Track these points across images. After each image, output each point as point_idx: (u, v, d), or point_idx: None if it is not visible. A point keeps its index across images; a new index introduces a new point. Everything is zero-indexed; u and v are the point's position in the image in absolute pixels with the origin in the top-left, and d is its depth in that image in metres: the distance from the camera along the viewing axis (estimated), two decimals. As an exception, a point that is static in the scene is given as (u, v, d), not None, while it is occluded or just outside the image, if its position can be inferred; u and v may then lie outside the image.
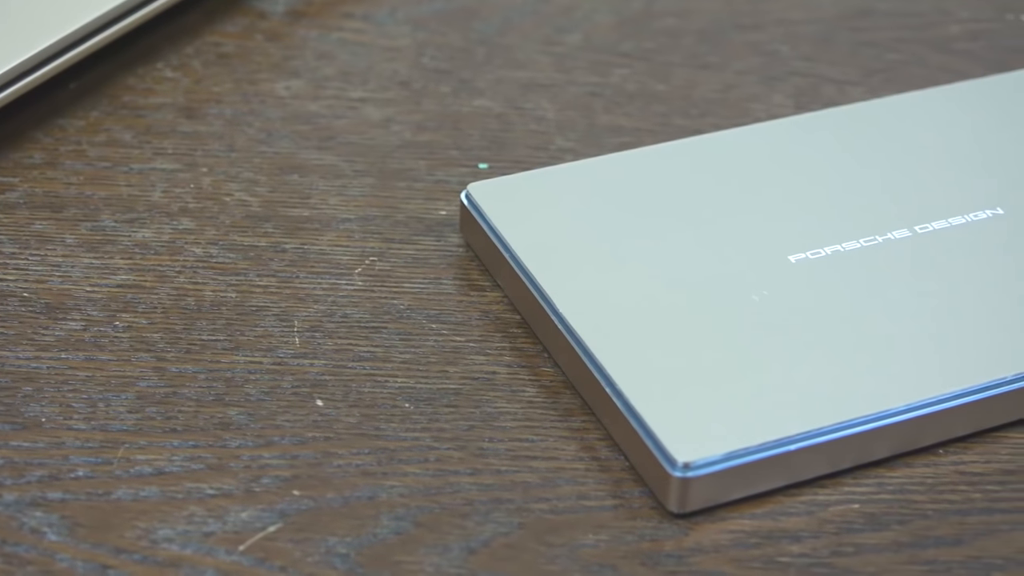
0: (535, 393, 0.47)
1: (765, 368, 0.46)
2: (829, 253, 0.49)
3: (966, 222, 0.51)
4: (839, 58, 0.60)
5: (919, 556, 0.44)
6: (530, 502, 0.44)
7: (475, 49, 0.59)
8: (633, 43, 0.60)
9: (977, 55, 0.61)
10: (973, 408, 0.46)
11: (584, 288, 0.48)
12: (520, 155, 0.54)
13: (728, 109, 0.57)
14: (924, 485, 0.46)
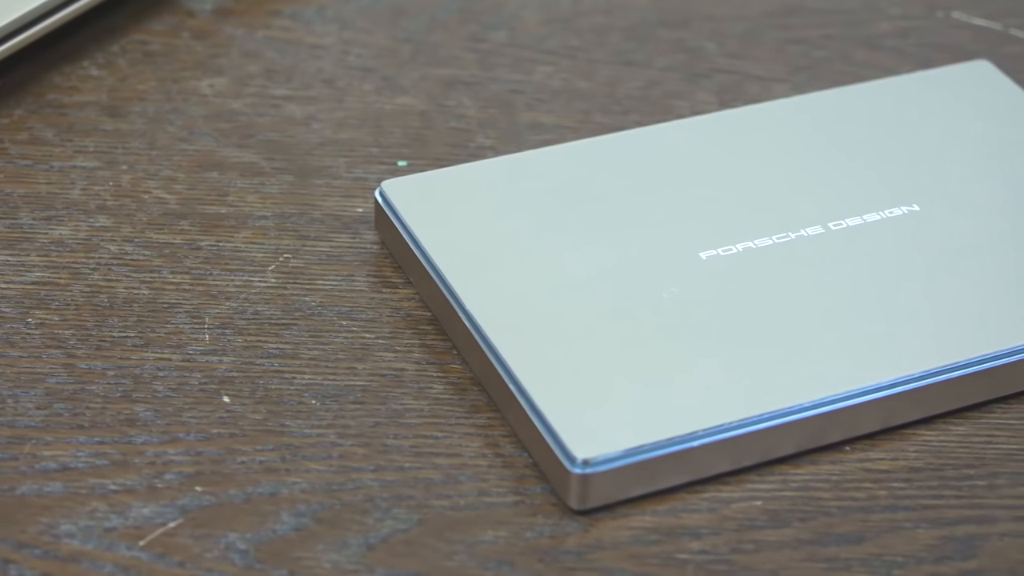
0: (442, 390, 0.47)
1: (670, 365, 0.46)
2: (741, 250, 0.49)
3: (881, 219, 0.51)
4: (765, 55, 0.60)
5: (819, 553, 0.44)
6: (431, 498, 0.45)
7: (401, 47, 0.59)
8: (559, 40, 0.60)
9: (905, 52, 0.61)
10: (879, 405, 0.46)
11: (493, 285, 0.48)
12: (439, 152, 0.54)
13: (651, 106, 0.57)
14: (829, 482, 0.46)
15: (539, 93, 0.57)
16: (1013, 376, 0.48)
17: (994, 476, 0.46)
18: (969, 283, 0.49)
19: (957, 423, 0.48)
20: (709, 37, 0.61)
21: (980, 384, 0.47)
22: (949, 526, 0.45)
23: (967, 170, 0.53)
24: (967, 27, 0.62)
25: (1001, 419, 0.48)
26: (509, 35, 0.60)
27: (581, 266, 0.49)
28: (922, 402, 0.47)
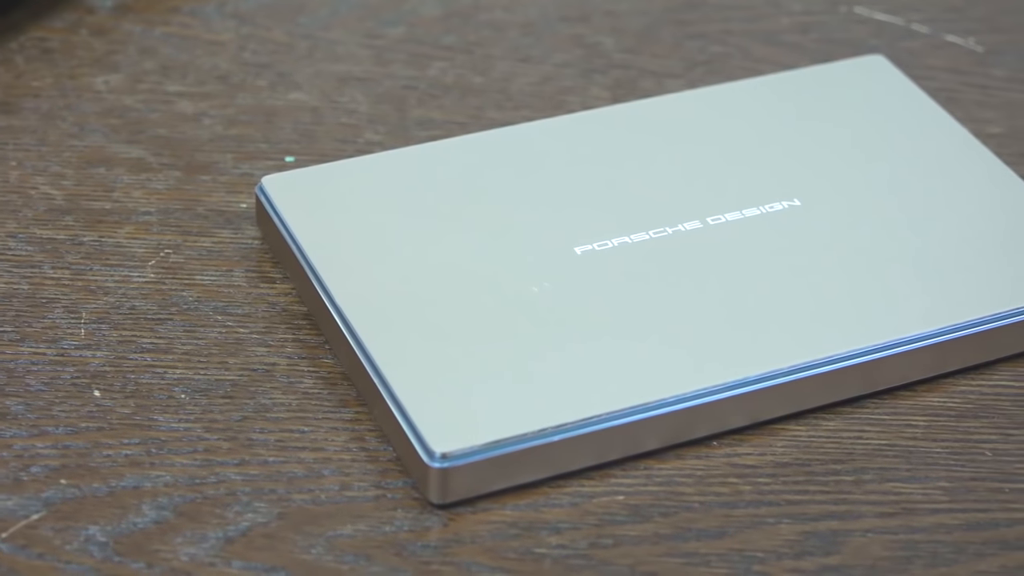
0: (312, 384, 0.47)
1: (534, 359, 0.46)
2: (616, 245, 0.49)
3: (761, 213, 0.50)
4: (662, 51, 0.60)
5: (679, 548, 0.44)
6: (293, 492, 0.44)
7: (297, 43, 0.59)
8: (456, 36, 0.60)
9: (804, 47, 0.61)
10: (746, 400, 0.46)
11: (365, 280, 0.48)
12: (327, 148, 0.54)
13: (543, 102, 0.57)
14: (693, 477, 0.46)
15: (432, 89, 0.57)
16: (885, 371, 0.47)
17: (861, 472, 0.46)
18: (844, 278, 0.49)
19: (828, 418, 0.47)
20: (608, 32, 0.61)
21: (851, 379, 0.47)
22: (812, 521, 0.45)
23: (853, 165, 0.53)
24: (869, 22, 0.62)
25: (872, 414, 0.48)
26: (407, 31, 0.60)
27: (455, 261, 0.49)
28: (791, 397, 0.47)
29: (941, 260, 0.49)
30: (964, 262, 0.50)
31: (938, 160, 0.53)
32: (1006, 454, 0.47)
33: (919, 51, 0.61)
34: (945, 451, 0.47)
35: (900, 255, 0.49)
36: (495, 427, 0.44)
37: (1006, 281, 0.49)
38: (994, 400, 0.48)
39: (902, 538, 0.45)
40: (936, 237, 0.50)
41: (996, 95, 0.59)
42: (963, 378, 0.49)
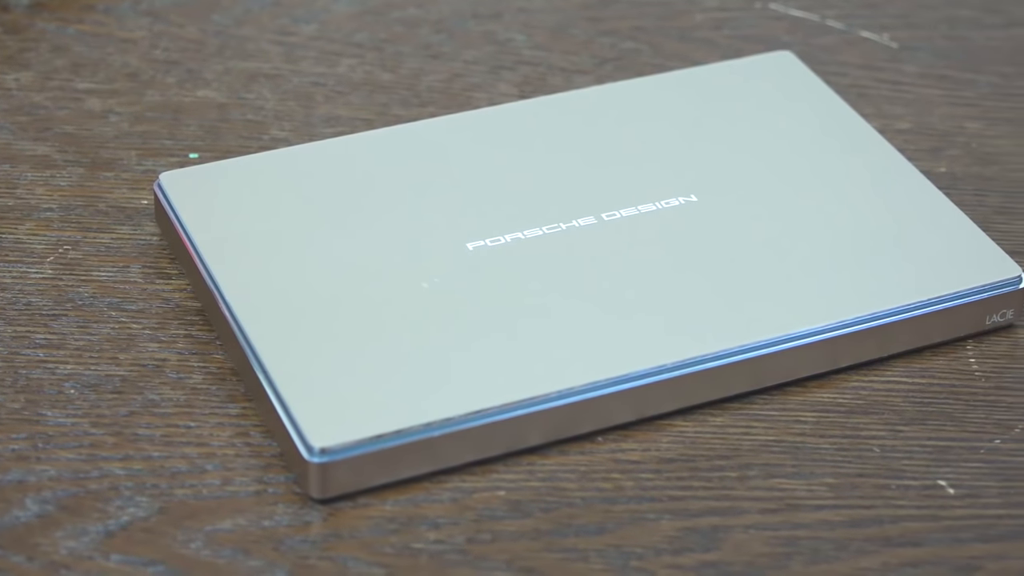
0: (201, 380, 0.47)
1: (419, 355, 0.46)
2: (509, 241, 0.49)
3: (657, 209, 0.50)
4: (573, 47, 0.60)
5: (557, 543, 0.44)
6: (175, 487, 0.45)
7: (209, 40, 0.59)
8: (368, 33, 0.60)
9: (716, 44, 0.61)
10: (631, 395, 0.46)
11: (255, 276, 0.48)
12: (232, 145, 0.55)
13: (451, 98, 0.57)
14: (576, 473, 0.46)
15: (340, 86, 0.57)
16: (775, 367, 0.47)
17: (746, 468, 0.46)
18: (735, 274, 0.48)
19: (716, 414, 0.47)
20: (519, 29, 0.61)
21: (740, 375, 0.47)
22: (693, 518, 0.45)
23: (753, 161, 0.53)
24: (784, 18, 0.62)
25: (761, 410, 0.48)
26: (319, 28, 0.60)
27: (347, 257, 0.49)
28: (678, 393, 0.47)
29: (835, 256, 0.49)
30: (859, 258, 0.49)
31: (839, 156, 0.53)
32: (894, 451, 0.47)
33: (833, 47, 0.61)
34: (833, 447, 0.47)
35: (794, 251, 0.49)
36: (375, 422, 0.44)
37: (900, 277, 0.49)
38: (886, 396, 0.48)
39: (783, 534, 0.45)
40: (832, 233, 0.50)
41: (907, 91, 0.59)
42: (856, 374, 0.49)
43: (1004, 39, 0.62)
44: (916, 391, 0.48)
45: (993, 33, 0.62)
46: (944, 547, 0.44)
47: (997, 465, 0.47)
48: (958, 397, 0.48)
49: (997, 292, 0.49)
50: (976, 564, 0.44)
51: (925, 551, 0.44)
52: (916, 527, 0.45)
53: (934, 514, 0.45)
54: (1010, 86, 0.59)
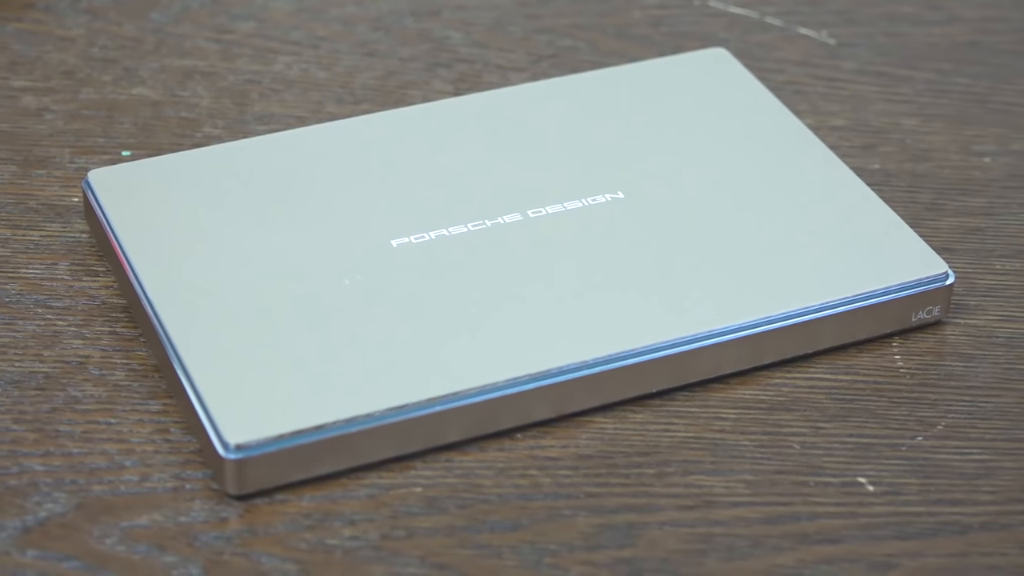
0: (123, 376, 0.47)
1: (335, 351, 0.46)
2: (434, 237, 0.49)
3: (583, 206, 0.50)
4: (510, 45, 0.60)
5: (471, 540, 0.44)
6: (93, 483, 0.45)
7: (147, 38, 0.59)
8: (305, 31, 0.60)
9: (653, 41, 0.61)
10: (551, 392, 0.46)
11: (178, 273, 0.48)
12: (165, 142, 0.55)
13: (385, 96, 0.57)
14: (493, 469, 0.46)
15: (275, 83, 0.58)
16: (696, 364, 0.47)
17: (664, 464, 0.46)
18: (658, 271, 0.48)
19: (637, 411, 0.47)
20: (457, 27, 0.61)
21: (660, 371, 0.47)
22: (609, 514, 0.45)
23: (682, 158, 0.52)
24: (722, 15, 0.62)
25: (683, 407, 0.48)
26: (256, 26, 0.60)
27: (271, 254, 0.49)
28: (598, 389, 0.47)
29: (760, 253, 0.49)
30: (784, 255, 0.49)
31: (769, 153, 0.53)
32: (814, 447, 0.47)
33: (770, 44, 0.61)
34: (752, 444, 0.47)
35: (719, 248, 0.49)
36: (291, 419, 0.44)
37: (825, 274, 0.49)
38: (808, 393, 0.48)
39: (699, 531, 0.45)
40: (758, 230, 0.50)
41: (843, 88, 0.59)
42: (779, 371, 0.49)
43: (943, 35, 0.62)
44: (839, 388, 0.48)
45: (932, 29, 0.62)
46: (861, 544, 0.44)
47: (918, 462, 0.46)
48: (881, 394, 0.48)
49: (923, 289, 0.49)
50: (893, 562, 0.44)
51: (842, 548, 0.44)
52: (833, 524, 0.45)
53: (852, 511, 0.45)
54: (947, 82, 0.59)
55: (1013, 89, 0.59)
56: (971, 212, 0.54)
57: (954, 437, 0.47)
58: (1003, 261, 0.52)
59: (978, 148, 0.57)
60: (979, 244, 0.53)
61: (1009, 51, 0.61)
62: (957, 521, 0.45)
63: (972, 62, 0.60)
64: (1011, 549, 0.45)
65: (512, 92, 0.55)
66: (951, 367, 0.49)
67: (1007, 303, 0.51)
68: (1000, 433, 0.47)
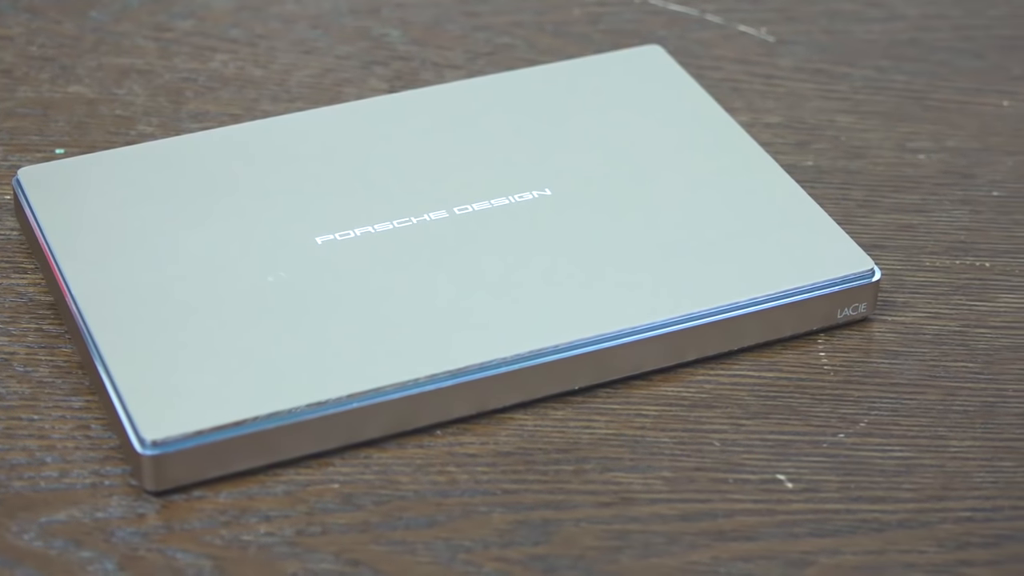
0: (47, 373, 0.47)
1: (255, 348, 0.46)
2: (359, 235, 0.49)
3: (510, 203, 0.50)
4: (448, 42, 0.60)
5: (386, 536, 0.44)
6: (13, 479, 0.45)
7: (86, 36, 0.59)
8: (243, 29, 0.60)
9: (591, 38, 0.61)
10: (469, 389, 0.46)
11: (102, 269, 0.48)
12: (99, 140, 0.55)
13: (320, 93, 0.57)
14: (412, 466, 0.46)
15: (211, 82, 0.58)
16: (618, 360, 0.47)
17: (583, 461, 0.46)
18: (582, 268, 0.48)
19: (558, 408, 0.47)
20: (395, 25, 0.61)
21: (582, 368, 0.47)
22: (526, 511, 0.45)
23: (612, 155, 0.52)
24: (662, 13, 0.62)
25: (604, 404, 0.48)
26: (196, 24, 0.60)
27: (196, 251, 0.49)
28: (518, 386, 0.47)
29: (685, 250, 0.49)
30: (709, 252, 0.49)
31: (698, 150, 0.53)
32: (735, 444, 0.47)
33: (709, 41, 0.61)
34: (672, 441, 0.47)
35: (643, 245, 0.49)
36: (208, 415, 0.44)
37: (749, 271, 0.49)
38: (731, 390, 0.48)
39: (615, 528, 0.45)
40: (684, 227, 0.50)
41: (780, 85, 0.59)
42: (702, 368, 0.49)
43: (882, 32, 0.62)
44: (762, 385, 0.48)
45: (872, 27, 0.62)
46: (778, 541, 0.44)
47: (839, 459, 0.46)
48: (804, 391, 0.48)
49: (849, 286, 0.49)
50: (809, 559, 0.44)
51: (758, 545, 0.44)
52: (751, 521, 0.45)
53: (770, 508, 0.45)
54: (884, 79, 0.59)
55: (950, 86, 0.59)
56: (903, 209, 0.54)
57: (876, 434, 0.48)
58: (933, 258, 0.52)
59: (913, 145, 0.57)
60: (910, 241, 0.53)
61: (948, 48, 0.61)
62: (876, 519, 0.45)
63: (911, 59, 0.60)
64: (929, 547, 0.45)
65: (444, 90, 0.55)
66: (876, 364, 0.49)
67: (935, 300, 0.51)
68: (923, 430, 0.47)
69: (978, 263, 0.52)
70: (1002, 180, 0.56)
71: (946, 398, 0.48)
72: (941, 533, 0.45)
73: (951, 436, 0.47)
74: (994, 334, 0.50)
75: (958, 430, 0.47)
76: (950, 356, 0.49)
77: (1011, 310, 0.51)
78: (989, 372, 0.49)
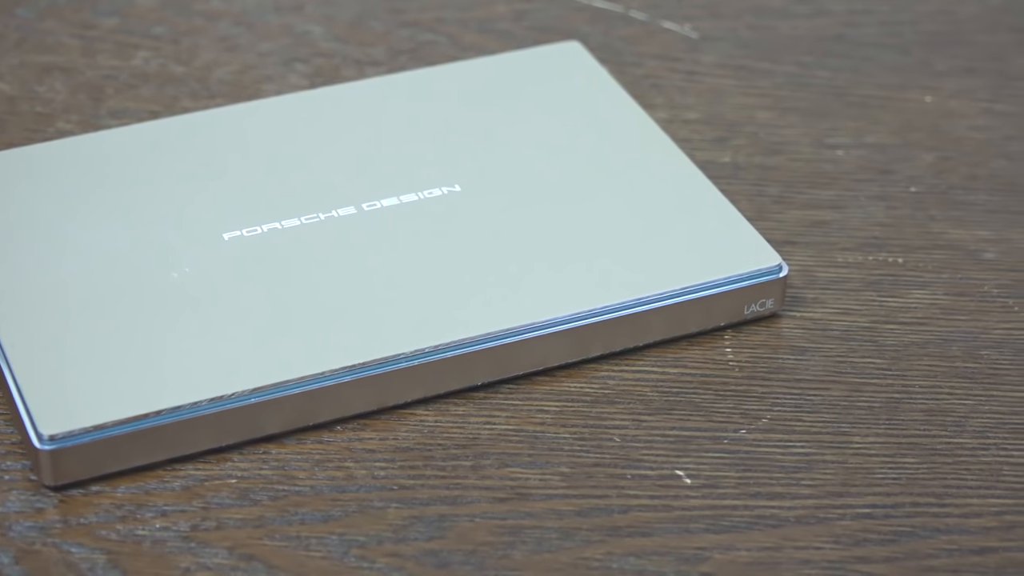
0: (-47, 369, 0.51)
1: (156, 343, 0.46)
2: (266, 231, 0.49)
3: (418, 199, 0.50)
4: (371, 39, 0.60)
5: (280, 531, 0.44)
6: (-89, 476, 0.48)
7: (10, 34, 0.59)
8: (167, 26, 0.60)
9: (514, 35, 0.60)
10: (369, 384, 0.46)
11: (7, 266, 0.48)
12: (16, 137, 0.55)
13: (240, 90, 0.57)
14: (310, 461, 0.46)
15: (132, 79, 0.58)
16: (519, 356, 0.47)
17: (482, 457, 0.46)
18: (486, 264, 0.48)
19: (459, 404, 0.47)
20: (319, 21, 0.61)
21: (483, 364, 0.47)
22: (422, 506, 0.45)
23: (524, 151, 0.52)
24: (587, 9, 0.62)
25: (506, 400, 0.48)
26: (120, 21, 0.60)
27: (101, 247, 0.49)
28: (418, 382, 0.46)
29: (592, 246, 0.49)
30: (615, 247, 0.49)
31: (610, 146, 0.53)
32: (635, 440, 0.47)
33: (633, 38, 0.60)
34: (572, 437, 0.47)
35: (550, 241, 0.49)
36: (106, 410, 0.44)
37: (655, 267, 0.48)
38: (634, 386, 0.48)
39: (509, 523, 0.45)
40: (592, 223, 0.49)
41: (701, 81, 0.59)
42: (607, 364, 0.49)
43: (808, 28, 0.62)
44: (666, 381, 0.48)
45: (798, 23, 0.62)
46: (673, 537, 0.44)
47: (739, 455, 0.47)
48: (708, 387, 0.48)
49: (756, 282, 0.49)
50: (704, 555, 0.44)
51: (652, 541, 0.45)
52: (647, 517, 0.45)
53: (667, 504, 0.45)
54: (807, 75, 0.59)
55: (873, 82, 0.59)
56: (818, 205, 0.54)
57: (778, 430, 0.47)
58: (846, 254, 0.52)
59: (832, 141, 0.56)
60: (823, 237, 0.53)
61: (873, 44, 0.61)
62: (773, 515, 0.45)
63: (835, 55, 0.60)
64: (825, 543, 0.45)
65: (360, 86, 0.55)
66: (782, 360, 0.49)
67: (845, 296, 0.51)
68: (825, 426, 0.47)
69: (891, 259, 0.52)
70: (920, 176, 0.56)
71: (851, 394, 0.48)
72: (838, 529, 0.45)
73: (854, 432, 0.47)
74: (903, 330, 0.50)
75: (861, 426, 0.47)
76: (858, 352, 0.49)
77: (922, 306, 0.51)
78: (896, 368, 0.49)
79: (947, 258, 0.52)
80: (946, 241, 0.53)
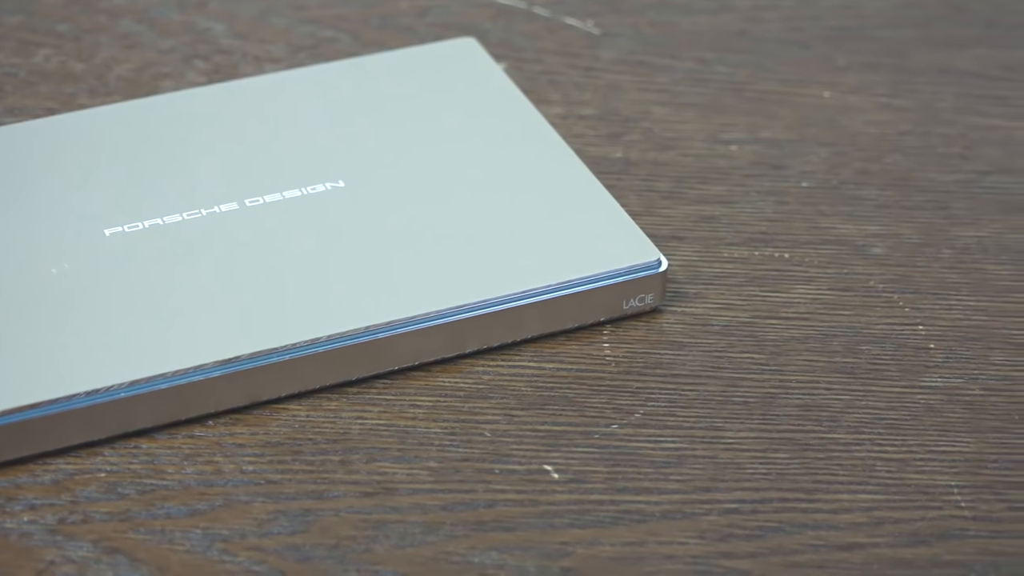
0: None
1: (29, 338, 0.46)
2: (147, 227, 0.49)
3: (302, 195, 0.50)
4: (271, 36, 0.60)
5: (145, 525, 0.44)
6: None
7: (-84, 32, 0.63)
8: (71, 24, 0.61)
9: (416, 31, 0.60)
10: (240, 379, 0.45)
11: None
12: (-86, 134, 0.58)
13: (137, 88, 0.57)
14: (179, 456, 0.46)
15: (32, 76, 0.58)
16: (392, 352, 0.47)
17: (351, 452, 0.47)
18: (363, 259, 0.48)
19: (332, 398, 0.48)
20: (221, 18, 0.61)
21: (356, 358, 0.47)
22: (287, 500, 0.45)
23: (411, 147, 0.52)
24: (490, 5, 0.62)
25: (379, 395, 0.48)
26: (24, 18, 0.60)
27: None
28: (290, 377, 0.47)
29: (469, 240, 0.49)
30: (493, 242, 0.49)
31: (497, 142, 0.52)
32: (505, 435, 0.47)
33: (534, 34, 0.60)
34: (443, 432, 0.47)
35: (428, 236, 0.49)
36: (-25, 404, 0.47)
37: (531, 261, 0.48)
38: (509, 381, 0.48)
39: (374, 518, 0.45)
40: (472, 218, 0.49)
41: (599, 77, 0.59)
42: (483, 359, 0.49)
43: (710, 24, 0.62)
44: (541, 376, 0.48)
45: (700, 18, 0.62)
46: (537, 532, 0.45)
47: (609, 451, 0.47)
48: (583, 382, 0.48)
49: (634, 276, 0.49)
50: (568, 550, 0.44)
51: (516, 536, 0.45)
52: (512, 512, 0.45)
53: (533, 499, 0.45)
54: (706, 71, 0.59)
55: (772, 77, 0.59)
56: (707, 200, 0.54)
57: (650, 425, 0.48)
58: (731, 249, 0.52)
59: (726, 136, 0.56)
60: (710, 232, 0.53)
61: (775, 40, 0.61)
62: (639, 510, 0.45)
63: (736, 51, 0.60)
64: (691, 538, 0.45)
65: (254, 83, 0.55)
66: (660, 355, 0.49)
67: (728, 291, 0.51)
68: (698, 421, 0.47)
69: (777, 254, 0.52)
70: (812, 171, 0.55)
71: (727, 389, 0.48)
72: (704, 525, 0.45)
73: (727, 427, 0.47)
74: (784, 325, 0.50)
75: (735, 421, 0.48)
76: (737, 347, 0.49)
77: (804, 301, 0.51)
78: (775, 363, 0.49)
79: (834, 253, 0.52)
80: (834, 236, 0.53)
